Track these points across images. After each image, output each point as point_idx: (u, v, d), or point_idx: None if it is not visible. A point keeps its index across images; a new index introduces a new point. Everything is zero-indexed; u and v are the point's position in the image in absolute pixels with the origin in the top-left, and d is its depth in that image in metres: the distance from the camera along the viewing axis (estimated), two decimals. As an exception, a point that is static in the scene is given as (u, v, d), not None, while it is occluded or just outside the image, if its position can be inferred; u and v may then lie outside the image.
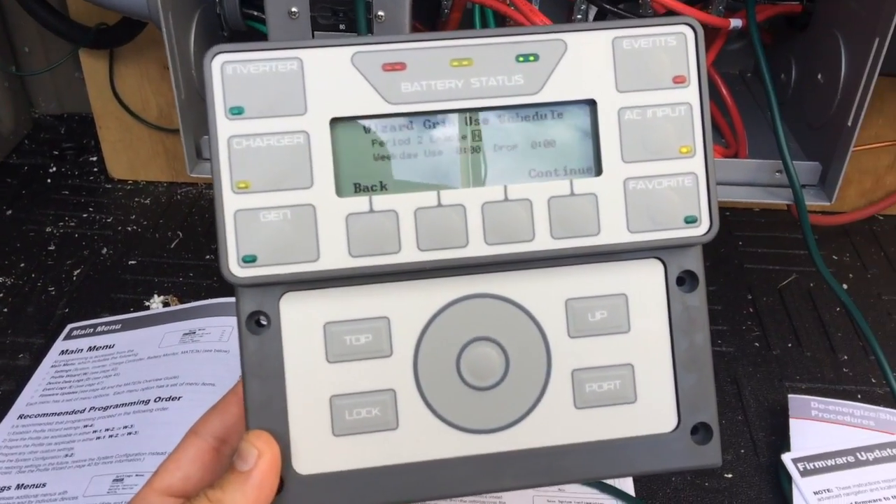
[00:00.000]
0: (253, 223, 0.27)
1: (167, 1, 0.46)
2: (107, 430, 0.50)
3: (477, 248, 0.27)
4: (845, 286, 0.63)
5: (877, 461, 0.47)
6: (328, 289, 0.28)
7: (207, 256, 0.64)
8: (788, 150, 0.51)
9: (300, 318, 0.28)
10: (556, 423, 0.29)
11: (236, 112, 0.26)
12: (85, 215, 0.69)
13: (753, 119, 0.61)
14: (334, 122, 0.27)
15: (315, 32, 0.49)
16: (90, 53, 0.66)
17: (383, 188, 0.27)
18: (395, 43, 0.27)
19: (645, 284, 0.29)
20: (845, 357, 0.57)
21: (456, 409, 0.29)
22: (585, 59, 0.27)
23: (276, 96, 0.26)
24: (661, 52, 0.28)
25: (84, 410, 0.51)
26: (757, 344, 0.58)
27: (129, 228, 0.67)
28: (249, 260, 0.27)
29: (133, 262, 0.64)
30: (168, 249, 0.65)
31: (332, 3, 0.48)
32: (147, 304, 0.60)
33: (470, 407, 0.29)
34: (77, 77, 0.72)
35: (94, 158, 0.75)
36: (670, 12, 0.52)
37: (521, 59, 0.27)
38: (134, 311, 0.59)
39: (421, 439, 0.28)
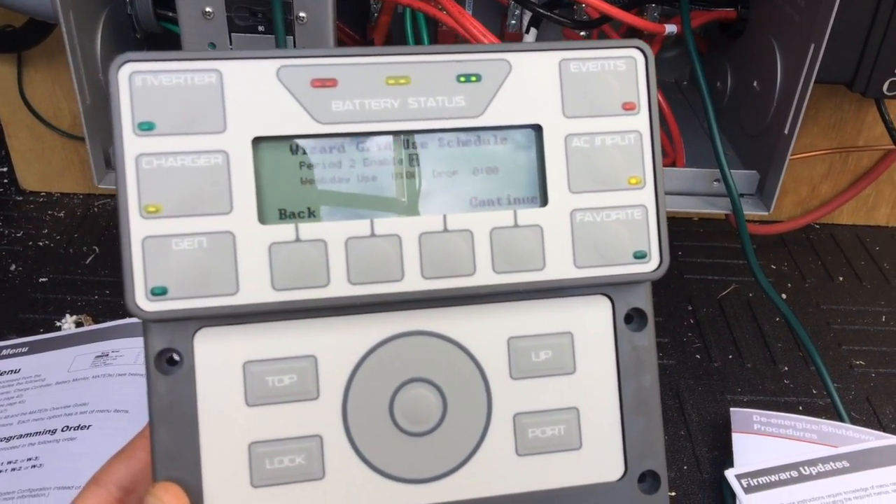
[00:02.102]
0: (164, 252, 0.24)
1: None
2: (9, 462, 0.46)
3: (413, 282, 0.25)
4: (784, 296, 0.63)
5: (820, 475, 0.47)
6: (248, 325, 0.26)
7: (126, 273, 0.61)
8: (726, 158, 0.50)
9: (217, 356, 0.25)
10: (496, 472, 0.27)
11: (146, 128, 0.24)
12: (-8, 230, 0.64)
13: (690, 127, 0.61)
14: (257, 141, 0.25)
15: (232, 35, 0.47)
16: (-4, 57, 0.62)
17: (311, 215, 0.25)
18: (326, 57, 0.25)
19: (591, 322, 0.27)
20: (786, 368, 0.56)
21: (388, 457, 0.26)
22: (531, 81, 0.26)
23: (191, 112, 0.24)
24: (610, 77, 0.26)
25: (-15, 442, 0.48)
26: (698, 356, 0.57)
27: (41, 243, 0.63)
28: (159, 292, 0.24)
29: (44, 279, 0.60)
30: (83, 265, 0.61)
31: (250, 3, 0.46)
32: (58, 324, 0.56)
33: (404, 454, 0.26)
34: (-16, 82, 0.68)
35: (4, 169, 0.71)
36: (604, 17, 0.51)
37: (462, 79, 0.25)
38: (44, 333, 0.55)
39: (350, 490, 0.26)
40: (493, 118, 0.26)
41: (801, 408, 0.53)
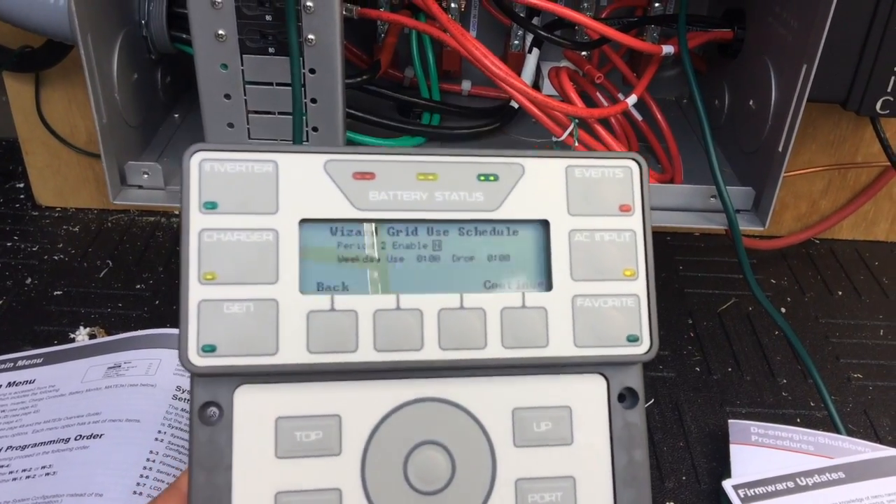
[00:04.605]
0: (216, 314, 0.27)
1: (86, 22, 0.45)
2: (24, 470, 0.47)
3: (431, 352, 0.28)
4: (783, 310, 0.64)
5: (816, 486, 0.47)
6: (283, 384, 0.28)
7: (138, 286, 0.62)
8: (722, 175, 0.51)
9: (253, 411, 0.28)
10: None
11: (210, 207, 0.27)
12: (9, 244, 0.66)
13: (689, 144, 0.62)
14: (303, 222, 0.28)
15: (243, 56, 0.48)
16: (14, 76, 0.64)
17: (345, 288, 0.28)
18: (367, 154, 0.28)
19: (588, 398, 0.30)
20: (784, 381, 0.57)
21: None
22: (541, 182, 0.29)
23: (249, 195, 0.27)
24: (609, 183, 0.30)
25: (1, 450, 0.49)
26: (698, 369, 0.58)
27: (56, 257, 0.65)
28: (209, 349, 0.27)
29: (59, 292, 0.61)
30: (96, 279, 0.63)
31: (261, 27, 0.47)
32: (72, 336, 0.57)
33: None
34: (2, 101, 0.69)
35: (21, 185, 0.72)
36: (603, 39, 0.52)
37: (482, 178, 0.29)
38: (58, 344, 0.56)
39: None
40: (508, 213, 0.29)
41: (798, 420, 0.54)
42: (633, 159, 0.30)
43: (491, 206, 0.29)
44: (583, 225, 0.29)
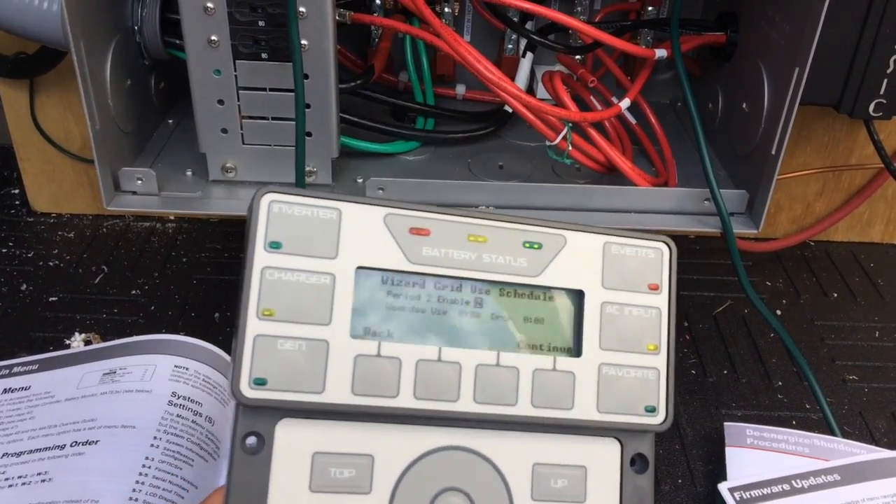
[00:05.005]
0: (270, 349, 0.28)
1: (79, 29, 0.45)
2: (19, 477, 0.47)
3: (466, 404, 0.29)
4: (778, 312, 0.64)
5: (812, 488, 0.47)
6: (322, 420, 0.29)
7: (133, 291, 0.62)
8: (716, 178, 0.51)
9: (292, 444, 0.29)
10: None
11: (274, 246, 0.28)
12: (4, 250, 0.66)
13: (683, 148, 0.62)
14: (359, 269, 0.29)
15: (236, 62, 0.48)
16: (9, 83, 0.64)
17: (389, 335, 0.29)
18: (425, 212, 0.30)
19: (603, 461, 0.31)
20: (780, 383, 0.57)
21: None
22: (580, 255, 0.31)
23: (312, 238, 0.29)
24: (641, 262, 0.31)
25: (-4, 457, 0.49)
26: (693, 371, 0.58)
27: (51, 263, 0.65)
28: (260, 383, 0.28)
29: (54, 298, 0.61)
30: (91, 285, 0.63)
31: (254, 32, 0.48)
32: (68, 342, 0.57)
33: None
34: (-4, 107, 0.69)
35: (16, 191, 0.72)
36: (596, 43, 0.52)
37: (527, 245, 0.30)
38: (53, 350, 0.56)
39: None
40: (547, 280, 0.30)
41: (794, 422, 0.54)
42: (665, 243, 0.32)
43: (533, 273, 0.30)
44: (614, 298, 0.31)
